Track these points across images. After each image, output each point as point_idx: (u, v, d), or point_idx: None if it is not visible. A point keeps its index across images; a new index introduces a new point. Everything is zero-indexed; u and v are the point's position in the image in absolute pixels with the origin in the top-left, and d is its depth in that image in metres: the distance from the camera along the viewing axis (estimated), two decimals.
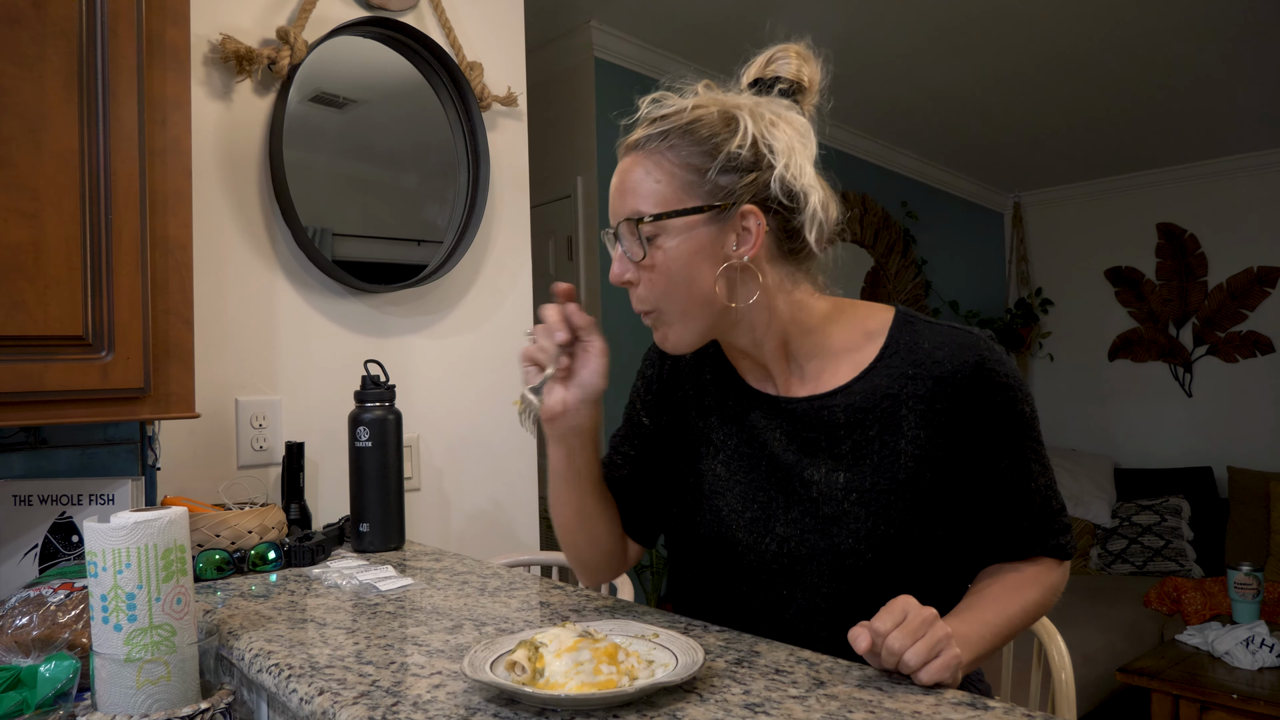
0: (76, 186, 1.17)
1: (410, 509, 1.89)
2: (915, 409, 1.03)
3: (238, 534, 1.45)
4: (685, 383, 1.20)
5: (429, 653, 0.99)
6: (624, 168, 1.04)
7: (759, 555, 1.08)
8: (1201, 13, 3.21)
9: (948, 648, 0.85)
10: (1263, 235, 4.97)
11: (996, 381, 1.03)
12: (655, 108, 1.04)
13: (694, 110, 1.02)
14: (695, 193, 0.99)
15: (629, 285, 1.04)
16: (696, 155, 1.00)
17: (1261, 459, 4.84)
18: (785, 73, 1.07)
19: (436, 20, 2.00)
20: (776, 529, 1.07)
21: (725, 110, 1.02)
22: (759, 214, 1.00)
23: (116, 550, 0.91)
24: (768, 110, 1.03)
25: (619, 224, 1.03)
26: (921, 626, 0.85)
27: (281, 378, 1.76)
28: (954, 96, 4.09)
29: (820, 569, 1.05)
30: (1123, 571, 4.65)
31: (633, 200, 1.01)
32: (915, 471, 1.03)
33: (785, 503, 1.07)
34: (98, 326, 1.19)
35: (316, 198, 1.81)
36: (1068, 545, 1.09)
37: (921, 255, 5.16)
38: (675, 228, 1.00)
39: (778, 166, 1.00)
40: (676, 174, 1.00)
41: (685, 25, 3.30)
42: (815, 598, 1.05)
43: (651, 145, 1.01)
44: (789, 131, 1.02)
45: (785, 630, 1.07)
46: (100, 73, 1.19)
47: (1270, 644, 3.09)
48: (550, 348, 1.02)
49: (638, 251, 1.01)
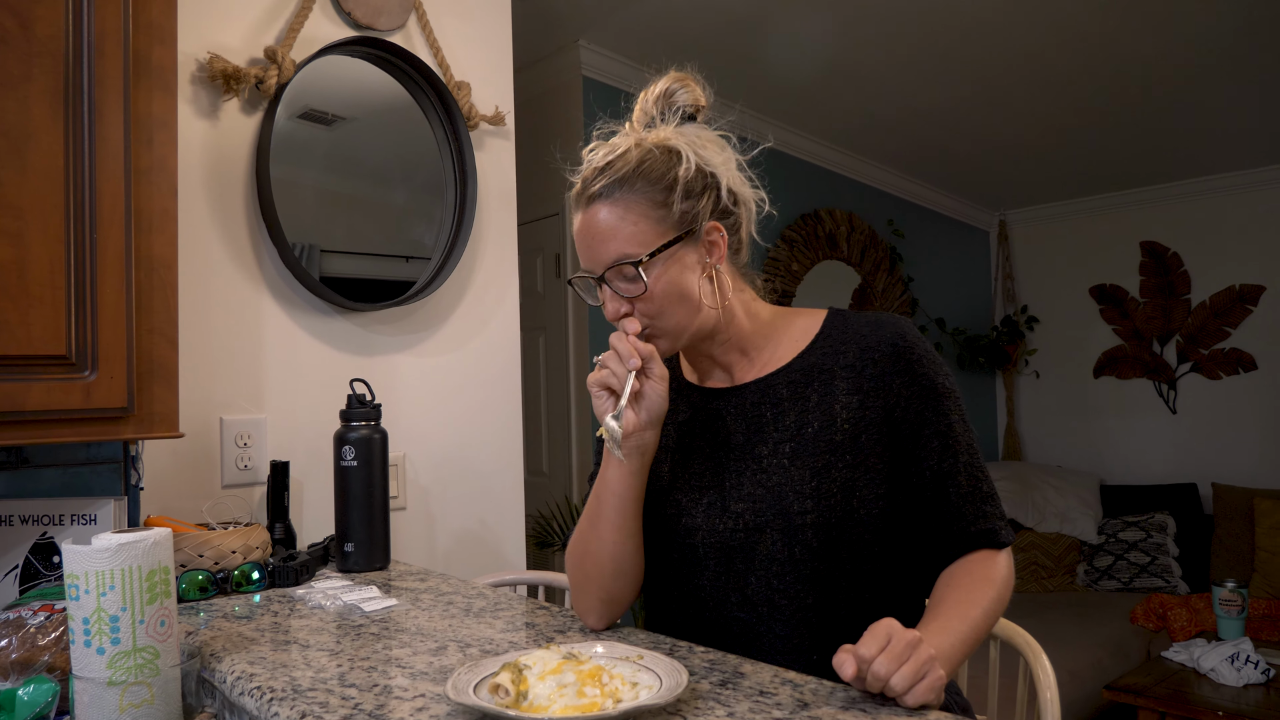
0: (61, 205, 1.17)
1: (396, 528, 1.88)
2: (846, 377, 1.14)
3: (221, 554, 1.44)
4: None
5: (412, 675, 0.98)
6: (593, 216, 1.12)
7: (718, 536, 1.14)
8: (1185, 35, 3.25)
9: (933, 670, 0.87)
10: (1245, 253, 5.01)
11: (915, 353, 1.14)
12: (596, 157, 1.14)
13: (637, 150, 1.12)
14: (667, 224, 1.10)
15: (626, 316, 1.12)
16: (657, 191, 1.10)
17: (1245, 475, 4.87)
18: (686, 101, 1.19)
19: (424, 40, 2.01)
20: (732, 506, 1.14)
21: (662, 145, 1.13)
22: (719, 226, 1.14)
23: (100, 573, 0.90)
24: (692, 135, 1.15)
25: (605, 270, 1.11)
26: (906, 650, 0.86)
27: (267, 396, 1.76)
28: (940, 115, 4.13)
29: (774, 537, 1.10)
30: (1109, 588, 4.67)
31: (616, 245, 1.10)
32: (851, 434, 1.12)
33: (738, 481, 1.15)
34: (81, 346, 1.18)
35: (303, 215, 1.81)
36: (1003, 532, 1.13)
37: (908, 273, 5.18)
38: (661, 259, 1.10)
39: (721, 182, 1.14)
40: (648, 213, 1.10)
41: (673, 44, 3.32)
42: (772, 565, 1.10)
43: (616, 193, 1.10)
44: (713, 148, 1.15)
45: (749, 606, 1.11)
46: (86, 92, 1.19)
47: (1255, 660, 3.10)
48: (622, 373, 1.08)
49: (639, 288, 1.10)
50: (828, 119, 4.14)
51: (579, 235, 1.14)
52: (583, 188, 1.14)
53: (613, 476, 1.13)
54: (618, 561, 1.16)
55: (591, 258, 1.12)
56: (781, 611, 1.10)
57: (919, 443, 1.12)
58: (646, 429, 1.11)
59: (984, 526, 1.12)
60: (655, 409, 1.10)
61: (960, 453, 1.12)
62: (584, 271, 1.15)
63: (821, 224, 4.48)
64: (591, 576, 1.17)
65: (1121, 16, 3.11)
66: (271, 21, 1.78)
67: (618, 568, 1.16)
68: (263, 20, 1.77)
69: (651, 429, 1.11)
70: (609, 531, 1.15)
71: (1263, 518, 4.38)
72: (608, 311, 1.13)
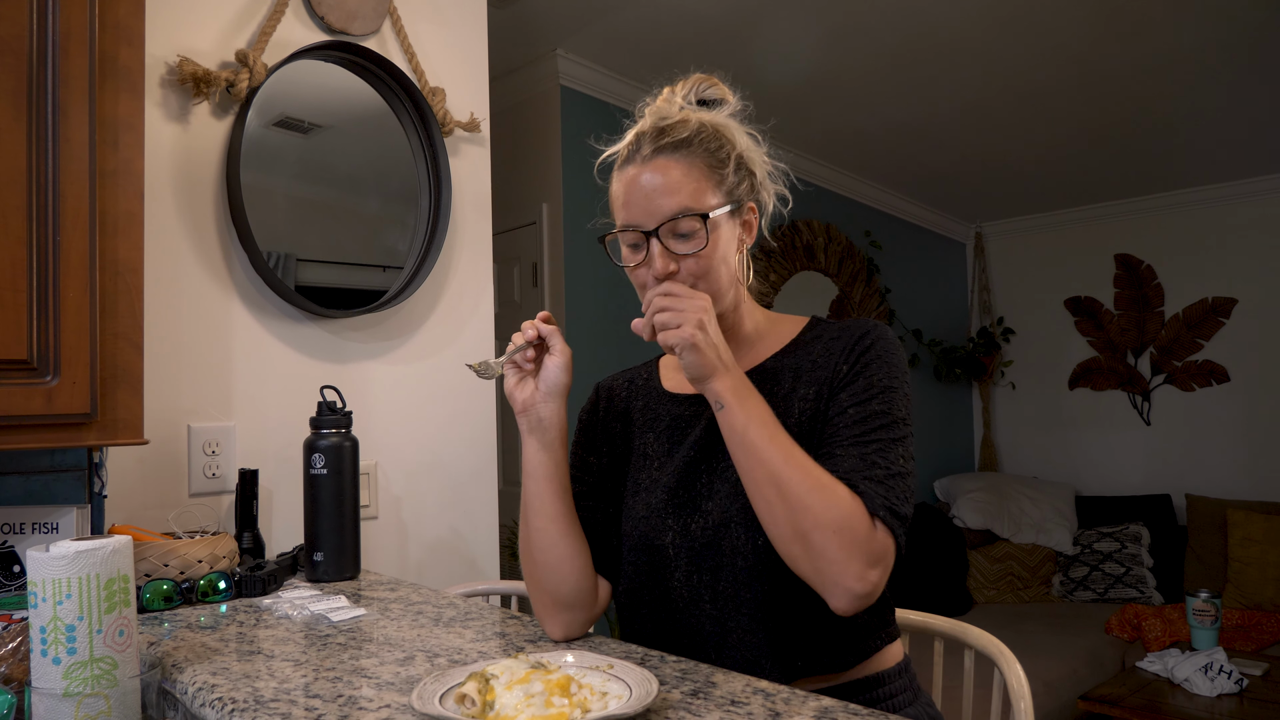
0: (24, 207, 1.15)
1: (367, 538, 1.86)
2: (809, 372, 1.15)
3: (187, 563, 1.41)
4: (617, 418, 1.31)
5: (378, 685, 0.96)
6: (655, 170, 1.11)
7: (688, 536, 1.13)
8: (1158, 50, 3.29)
9: (689, 324, 1.00)
10: (1217, 266, 5.07)
11: (870, 343, 1.13)
12: (657, 119, 1.14)
13: (695, 121, 1.13)
14: (722, 191, 1.13)
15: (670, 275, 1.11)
16: (714, 160, 1.12)
17: (1219, 487, 4.91)
18: (714, 96, 1.22)
19: (399, 45, 1.99)
20: (703, 506, 1.14)
21: (714, 123, 1.15)
22: (755, 208, 1.19)
23: (57, 580, 0.88)
24: (732, 123, 1.17)
25: (663, 222, 1.09)
26: (685, 295, 1.03)
27: (236, 403, 1.73)
28: (917, 128, 4.15)
29: (738, 532, 1.09)
30: (1084, 599, 4.69)
31: (679, 199, 1.09)
32: (807, 426, 1.11)
33: (709, 480, 1.15)
34: (43, 350, 1.16)
35: (277, 222, 1.79)
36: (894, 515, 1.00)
37: (885, 284, 5.20)
38: (721, 219, 1.12)
39: (757, 170, 1.18)
40: (709, 174, 1.11)
41: (651, 55, 3.32)
42: (739, 560, 1.09)
43: (678, 152, 1.11)
44: (748, 140, 1.18)
45: (721, 603, 1.10)
46: (50, 93, 1.17)
47: (1229, 671, 3.12)
48: (519, 340, 1.13)
49: (695, 245, 1.10)
50: (806, 131, 4.16)
51: (631, 188, 1.12)
52: (640, 142, 1.13)
53: (526, 456, 1.16)
54: (550, 552, 1.15)
55: (648, 211, 1.10)
56: (748, 605, 1.09)
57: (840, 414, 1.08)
58: (545, 402, 1.14)
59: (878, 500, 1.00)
60: (553, 382, 1.14)
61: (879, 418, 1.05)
62: (631, 225, 1.12)
63: (799, 235, 4.49)
64: (534, 575, 1.17)
65: (1099, 34, 3.14)
66: (243, 25, 1.76)
67: (555, 559, 1.15)
68: (234, 24, 1.75)
69: (550, 402, 1.14)
70: (536, 519, 1.16)
71: (1235, 528, 4.41)
72: (656, 267, 1.10)
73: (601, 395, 1.35)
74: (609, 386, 1.36)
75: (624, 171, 1.14)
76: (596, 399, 1.35)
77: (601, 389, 1.36)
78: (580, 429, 1.34)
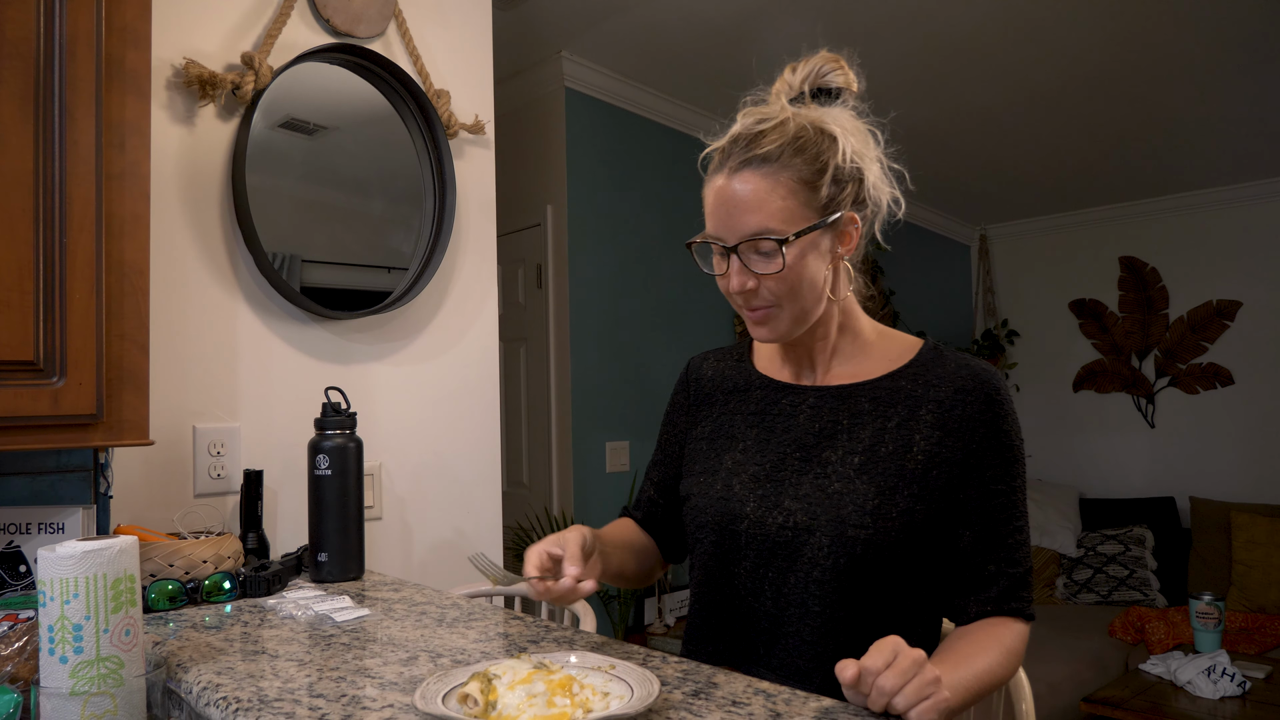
0: (30, 209, 1.15)
1: (371, 538, 1.86)
2: (934, 411, 1.11)
3: (192, 564, 1.42)
4: (710, 398, 1.31)
5: (382, 685, 0.97)
6: (740, 183, 1.07)
7: (764, 529, 1.12)
8: (1164, 53, 3.29)
9: (937, 691, 0.85)
10: (1222, 269, 5.07)
11: (1005, 409, 1.12)
12: (752, 123, 1.10)
13: (794, 125, 1.09)
14: (813, 206, 1.07)
15: (749, 292, 1.10)
16: (808, 171, 1.07)
17: (1223, 489, 4.90)
18: (838, 83, 1.17)
19: (404, 48, 2.00)
20: (785, 503, 1.12)
21: (818, 125, 1.10)
22: (855, 218, 1.12)
23: (64, 580, 0.89)
24: (844, 121, 1.12)
25: (741, 240, 1.07)
26: (912, 667, 0.84)
27: (241, 405, 1.74)
28: (922, 132, 4.15)
29: (821, 541, 1.08)
30: (1088, 601, 4.68)
31: (759, 217, 1.06)
32: (925, 466, 1.09)
33: (797, 480, 1.13)
34: (49, 351, 1.17)
35: (282, 223, 1.79)
36: (1029, 606, 1.11)
37: (890, 286, 5.20)
38: (803, 240, 1.07)
39: (867, 176, 1.12)
40: (797, 190, 1.06)
41: (656, 57, 3.33)
42: (814, 570, 1.08)
43: (769, 164, 1.06)
44: (861, 139, 1.13)
45: (783, 604, 1.10)
46: (57, 95, 1.18)
47: (1231, 673, 3.12)
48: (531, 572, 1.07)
49: (773, 266, 1.07)
50: None
51: (717, 199, 1.09)
52: (731, 149, 1.09)
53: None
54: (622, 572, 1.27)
55: (729, 226, 1.08)
56: (813, 617, 1.08)
57: (985, 499, 1.10)
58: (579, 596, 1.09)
59: (1023, 595, 1.10)
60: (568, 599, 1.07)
61: (1016, 519, 1.11)
62: (713, 237, 1.10)
63: None
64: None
65: (1102, 36, 3.14)
66: (249, 28, 1.77)
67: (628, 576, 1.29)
68: (240, 26, 1.76)
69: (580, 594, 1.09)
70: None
71: (1239, 531, 4.41)
72: (732, 284, 1.10)
73: (692, 371, 1.36)
74: (699, 364, 1.36)
75: (713, 179, 1.11)
76: (687, 376, 1.36)
77: (693, 365, 1.37)
78: (672, 402, 1.37)
